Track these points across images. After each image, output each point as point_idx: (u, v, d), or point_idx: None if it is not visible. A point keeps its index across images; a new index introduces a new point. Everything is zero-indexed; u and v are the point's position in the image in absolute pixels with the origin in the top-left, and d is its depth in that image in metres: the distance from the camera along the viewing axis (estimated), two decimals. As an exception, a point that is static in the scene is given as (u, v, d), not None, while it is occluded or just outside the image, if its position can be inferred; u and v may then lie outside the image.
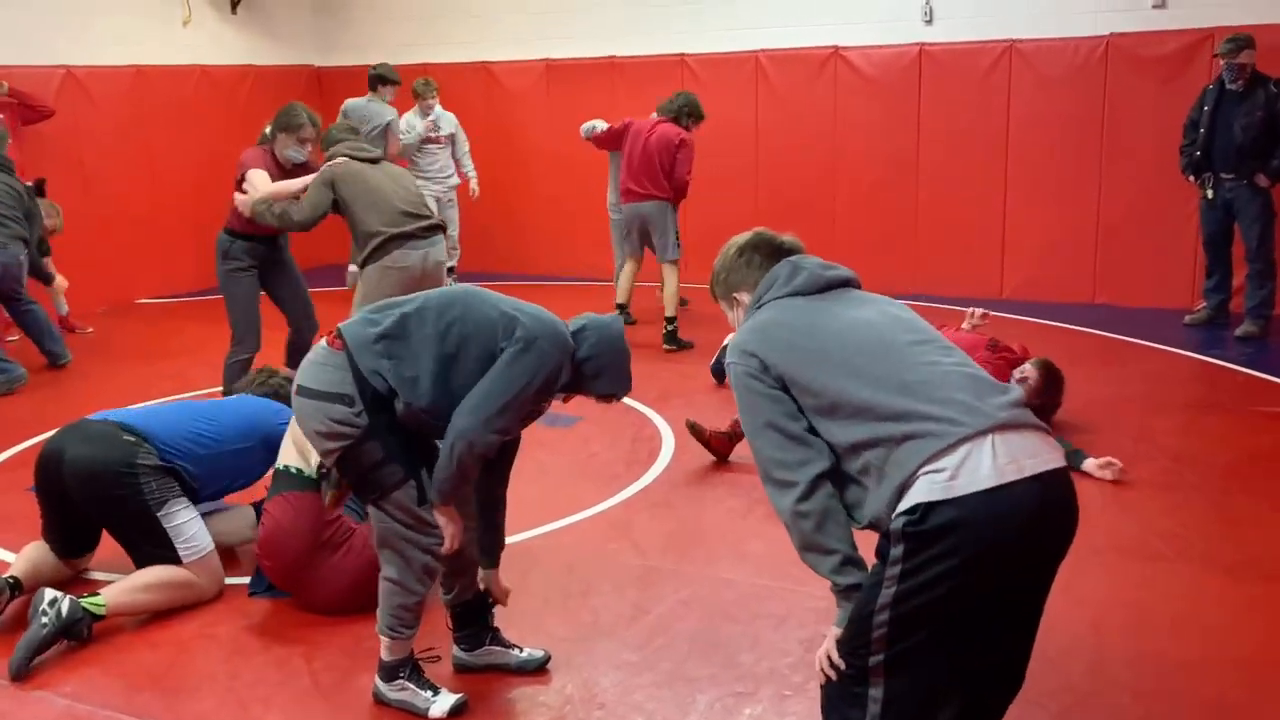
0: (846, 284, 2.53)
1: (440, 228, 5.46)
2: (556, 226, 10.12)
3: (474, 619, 3.36)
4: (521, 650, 3.37)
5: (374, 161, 5.49)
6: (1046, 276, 8.50)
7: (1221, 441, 5.29)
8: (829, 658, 2.30)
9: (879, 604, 2.16)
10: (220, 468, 3.88)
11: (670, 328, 7.35)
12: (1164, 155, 7.66)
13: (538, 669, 3.34)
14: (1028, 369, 5.33)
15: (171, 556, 3.70)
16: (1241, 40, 7.04)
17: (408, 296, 3.12)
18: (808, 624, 3.56)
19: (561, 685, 3.28)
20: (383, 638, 3.11)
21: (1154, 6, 7.97)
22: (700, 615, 3.67)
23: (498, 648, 3.37)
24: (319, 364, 3.00)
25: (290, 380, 3.35)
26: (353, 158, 5.43)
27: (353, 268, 5.83)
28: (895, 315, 2.44)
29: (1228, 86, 7.15)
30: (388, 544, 3.03)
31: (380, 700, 3.15)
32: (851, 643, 2.24)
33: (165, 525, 3.66)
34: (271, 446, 3.89)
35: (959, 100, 8.59)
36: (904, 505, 2.15)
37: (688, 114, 7.36)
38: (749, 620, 3.62)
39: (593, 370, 3.08)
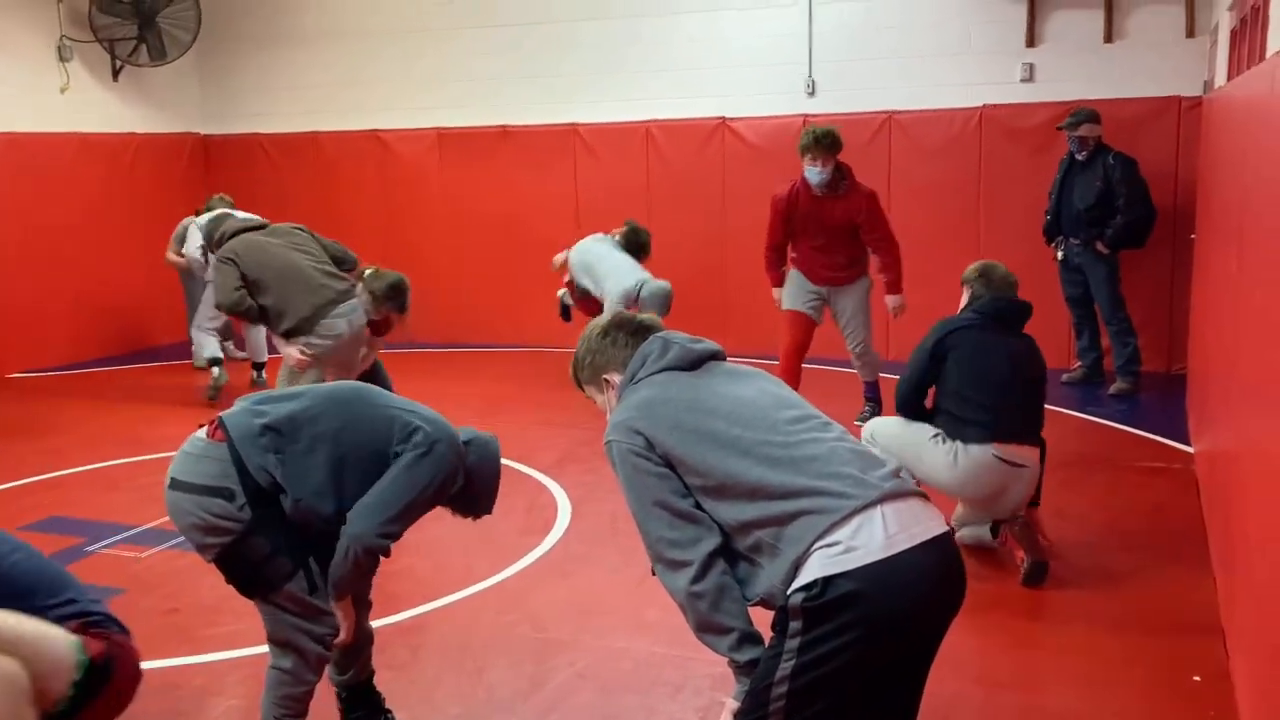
0: (715, 357, 2.56)
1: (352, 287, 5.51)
2: (450, 293, 10.06)
3: (365, 701, 3.26)
4: None
5: (262, 228, 5.44)
6: (931, 338, 8.73)
7: (1101, 497, 5.47)
8: None
9: (777, 677, 2.17)
10: None
11: None
12: (1036, 221, 8.00)
13: None
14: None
15: None
16: (1082, 115, 7.46)
17: (296, 390, 3.05)
18: (704, 691, 3.54)
19: (455, 765, 3.19)
20: None
21: (1022, 80, 8.37)
22: (596, 687, 3.63)
23: None
24: (196, 455, 2.88)
25: None
26: (243, 230, 5.37)
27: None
28: (774, 392, 2.47)
29: (1076, 157, 7.55)
30: (280, 638, 2.94)
31: None
32: (749, 715, 2.23)
33: None
34: None
35: (843, 169, 8.83)
36: (801, 581, 2.16)
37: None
38: (645, 690, 3.59)
39: (472, 491, 3.14)
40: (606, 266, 7.32)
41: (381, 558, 3.02)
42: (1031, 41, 8.31)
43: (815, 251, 6.54)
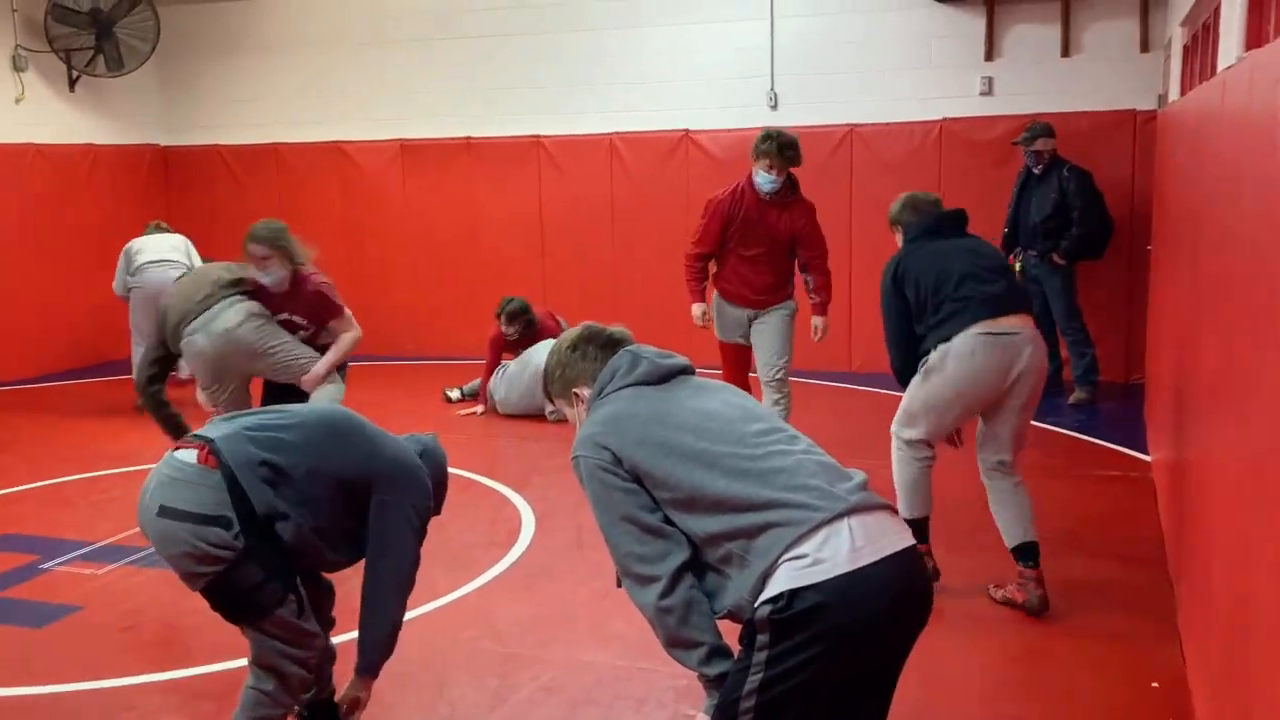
0: (684, 371, 2.56)
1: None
2: (414, 306, 10.02)
3: (327, 718, 3.23)
4: None
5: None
6: (893, 349, 8.80)
7: (1060, 506, 5.51)
8: None
9: (745, 690, 2.16)
10: None
11: None
12: (995, 233, 8.07)
13: None
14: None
15: None
16: (1038, 129, 7.58)
17: (283, 414, 3.03)
18: (667, 704, 3.53)
19: (417, 782, 3.16)
20: None
21: (981, 94, 8.47)
22: (560, 701, 3.61)
23: None
24: (187, 482, 2.81)
25: None
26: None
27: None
28: (740, 405, 2.48)
29: (1032, 170, 7.65)
30: (265, 662, 2.91)
31: None
32: None
33: None
34: None
35: (804, 181, 8.86)
36: (768, 593, 2.16)
37: None
38: (609, 703, 3.57)
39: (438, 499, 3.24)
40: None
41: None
42: (990, 55, 8.42)
43: (745, 266, 5.91)
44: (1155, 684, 3.63)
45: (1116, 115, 8.08)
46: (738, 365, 6.18)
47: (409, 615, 4.28)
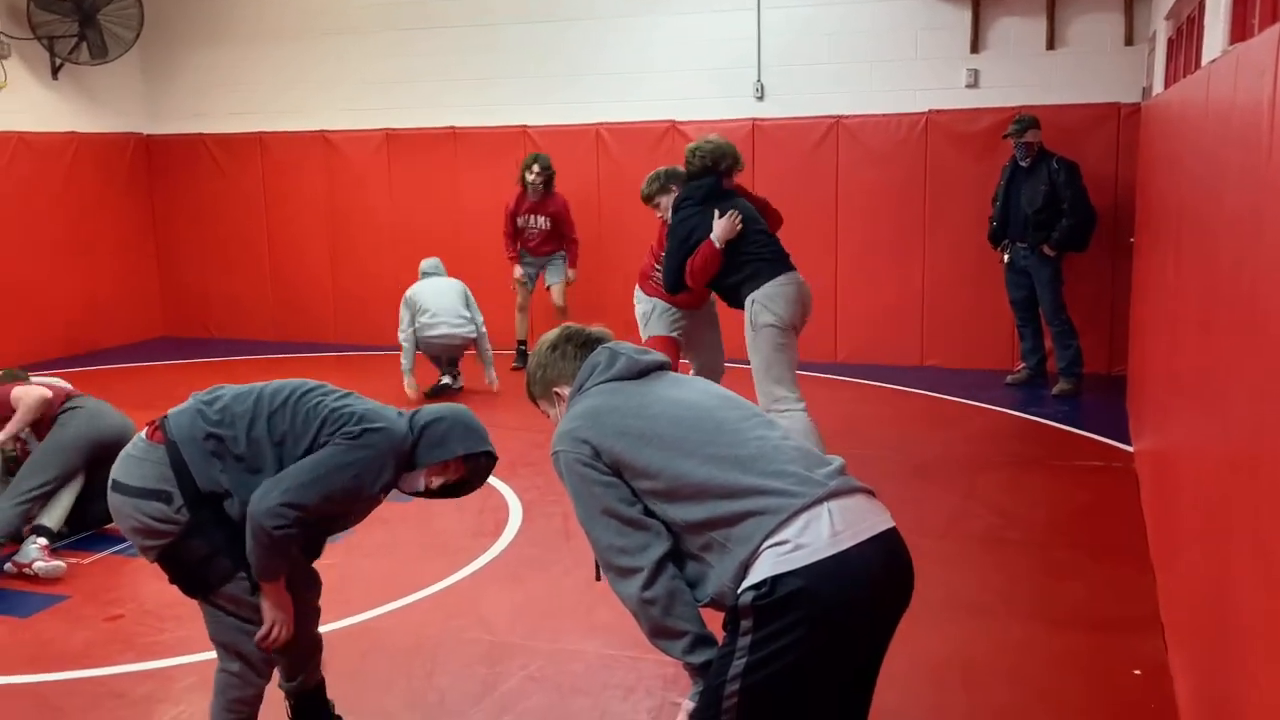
0: (662, 368, 2.59)
1: None
2: (399, 295, 9.99)
3: (315, 708, 3.24)
4: None
5: None
6: (877, 341, 8.85)
7: (1043, 496, 5.57)
8: None
9: (729, 675, 2.19)
10: None
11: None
12: (981, 225, 8.12)
13: None
14: None
15: None
16: (1026, 121, 7.61)
17: (242, 389, 2.98)
18: (655, 692, 3.56)
19: (406, 770, 3.18)
20: None
21: (967, 86, 8.49)
22: (548, 689, 3.63)
23: None
24: (136, 458, 2.87)
25: None
26: None
27: None
28: (717, 394, 2.52)
29: (1020, 163, 7.69)
30: (223, 639, 2.91)
31: None
32: (703, 713, 2.25)
33: None
34: None
35: (790, 173, 8.92)
36: (750, 580, 2.18)
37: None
38: (597, 692, 3.60)
39: (436, 436, 2.95)
40: None
41: (302, 547, 2.95)
42: (976, 48, 8.44)
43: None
44: (1137, 671, 3.67)
45: (1101, 108, 8.12)
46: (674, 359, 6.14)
47: (398, 603, 4.33)
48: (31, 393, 5.01)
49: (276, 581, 2.86)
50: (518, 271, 8.78)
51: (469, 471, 3.04)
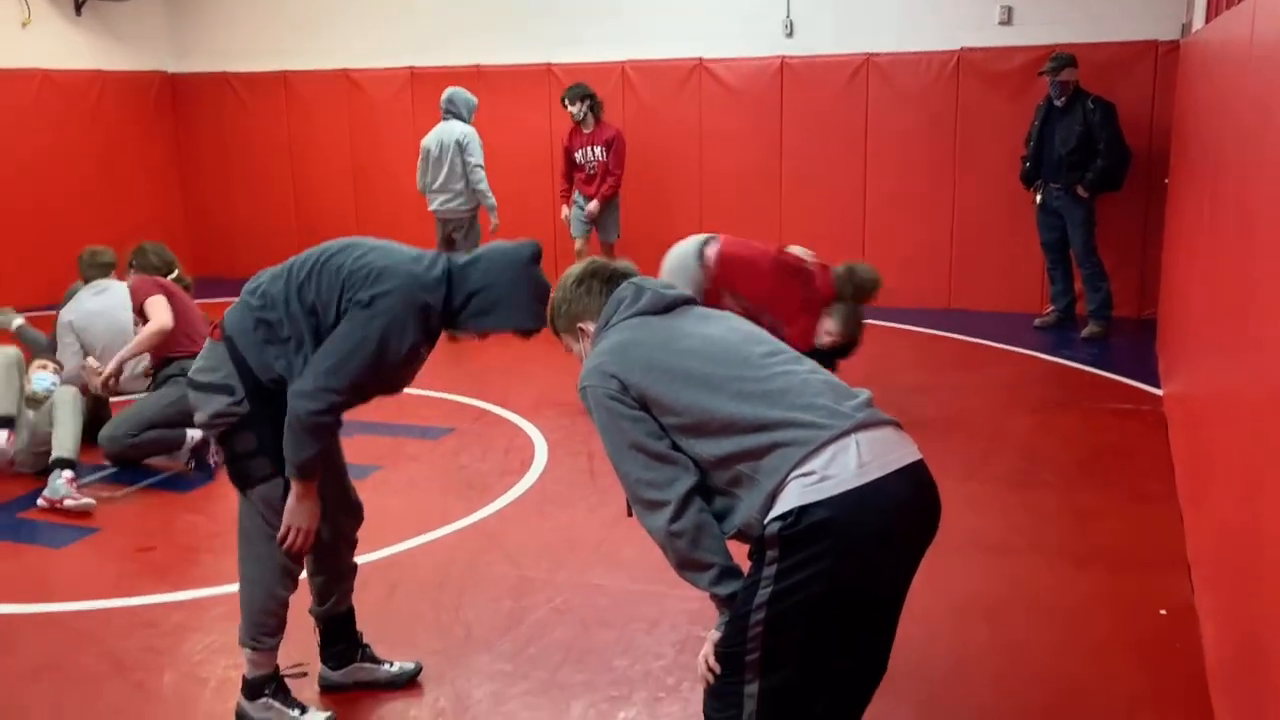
0: (687, 302, 2.58)
1: None
2: (423, 236, 9.97)
3: (343, 635, 3.28)
4: (392, 664, 3.31)
5: None
6: (905, 283, 8.75)
7: (1070, 439, 5.54)
8: (708, 660, 2.33)
9: (755, 604, 2.20)
10: None
11: None
12: (1012, 166, 8.01)
13: (409, 682, 3.28)
14: (831, 327, 5.39)
15: None
16: (1063, 59, 7.46)
17: (280, 267, 2.94)
18: (680, 626, 3.59)
19: (434, 698, 3.23)
20: (245, 650, 3.01)
21: (1001, 23, 8.33)
22: (574, 622, 3.67)
23: (367, 664, 3.30)
24: (205, 356, 2.94)
25: None
26: None
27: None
28: (743, 329, 2.50)
29: (1055, 102, 7.55)
30: (249, 538, 2.97)
31: (243, 718, 3.05)
32: (729, 642, 2.27)
33: None
34: None
35: (819, 111, 8.81)
36: (777, 510, 2.19)
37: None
38: (622, 625, 3.63)
39: (483, 304, 2.85)
40: None
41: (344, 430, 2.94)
42: (1010, -16, 8.27)
43: None
44: (1163, 611, 3.67)
45: (1137, 46, 7.94)
46: None
47: (425, 537, 4.38)
48: (160, 317, 5.18)
49: (308, 481, 2.83)
50: (565, 212, 8.48)
51: (520, 335, 2.93)
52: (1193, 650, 3.39)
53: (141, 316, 5.29)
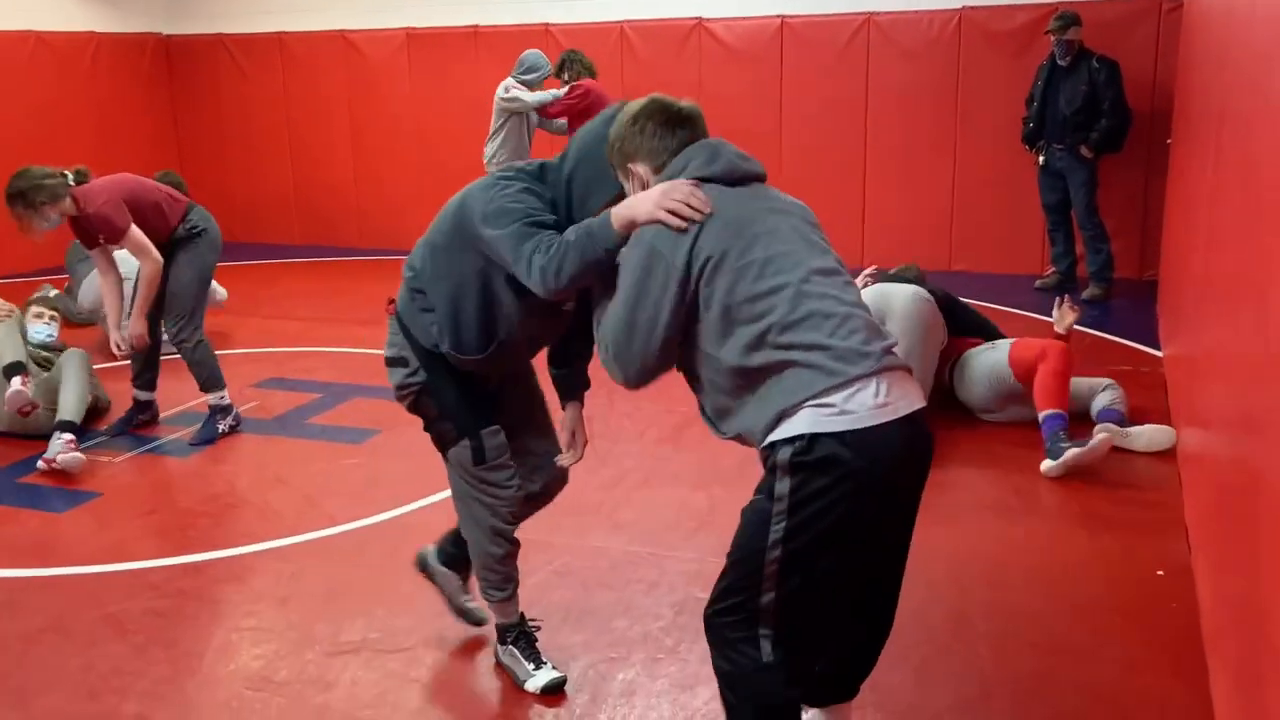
0: (760, 179, 2.49)
1: None
2: (419, 196, 9.95)
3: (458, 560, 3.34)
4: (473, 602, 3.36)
5: None
6: (906, 244, 8.72)
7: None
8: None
9: (770, 541, 2.19)
10: None
11: None
12: (1013, 127, 7.95)
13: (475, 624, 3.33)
14: None
15: None
16: (1068, 18, 7.39)
17: (420, 240, 2.94)
18: (679, 588, 3.60)
19: (436, 659, 3.24)
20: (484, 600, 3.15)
21: (1003, -19, 8.25)
22: (573, 584, 3.68)
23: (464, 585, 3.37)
24: (390, 333, 3.00)
25: None
26: None
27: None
28: (808, 238, 2.38)
29: (1058, 62, 7.48)
30: (460, 499, 3.05)
31: (498, 660, 3.18)
32: (743, 581, 2.26)
33: None
34: None
35: (820, 72, 8.74)
36: (784, 433, 2.17)
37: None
38: (621, 587, 3.65)
39: (581, 190, 2.65)
40: None
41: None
42: (1012, -59, 8.17)
43: None
44: (1161, 572, 3.69)
45: (1140, 4, 7.87)
46: None
47: (426, 501, 4.39)
48: (146, 260, 5.26)
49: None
50: None
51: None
52: (1189, 610, 3.40)
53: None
